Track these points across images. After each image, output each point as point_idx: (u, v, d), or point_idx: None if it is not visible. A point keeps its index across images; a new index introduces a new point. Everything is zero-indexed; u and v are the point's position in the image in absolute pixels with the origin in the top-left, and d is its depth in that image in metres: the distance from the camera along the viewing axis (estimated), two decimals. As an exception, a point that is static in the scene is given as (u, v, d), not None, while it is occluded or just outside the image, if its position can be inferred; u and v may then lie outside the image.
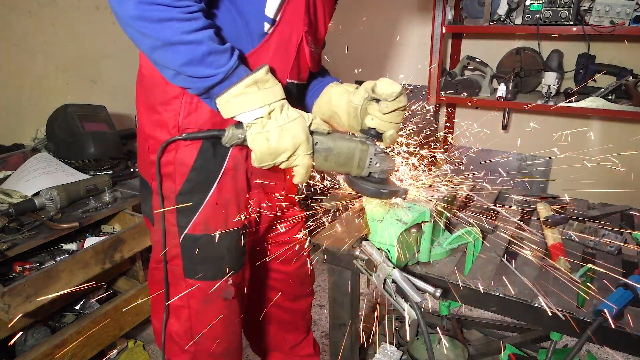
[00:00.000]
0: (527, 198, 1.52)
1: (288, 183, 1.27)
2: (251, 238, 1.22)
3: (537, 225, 1.36)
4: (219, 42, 0.90)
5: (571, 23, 2.35)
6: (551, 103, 2.50)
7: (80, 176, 2.03)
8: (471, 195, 1.51)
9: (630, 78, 2.38)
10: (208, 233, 1.11)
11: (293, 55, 1.07)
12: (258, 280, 1.47)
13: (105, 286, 2.16)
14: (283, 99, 0.95)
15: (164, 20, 0.83)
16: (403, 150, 1.20)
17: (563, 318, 0.96)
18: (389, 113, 1.04)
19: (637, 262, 1.18)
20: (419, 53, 3.12)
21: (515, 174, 2.98)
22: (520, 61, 2.67)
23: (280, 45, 1.04)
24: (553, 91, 2.51)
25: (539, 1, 2.40)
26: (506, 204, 1.52)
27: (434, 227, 1.15)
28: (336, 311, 1.29)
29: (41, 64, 2.38)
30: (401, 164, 1.20)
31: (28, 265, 1.74)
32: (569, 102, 2.44)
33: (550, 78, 2.47)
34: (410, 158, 1.21)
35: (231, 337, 1.28)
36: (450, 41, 3.02)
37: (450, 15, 2.75)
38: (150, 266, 1.25)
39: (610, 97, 2.40)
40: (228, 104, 0.91)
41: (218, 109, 0.94)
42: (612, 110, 2.36)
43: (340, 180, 1.14)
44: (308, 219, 1.38)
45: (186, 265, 1.14)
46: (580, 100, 2.42)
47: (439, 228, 1.20)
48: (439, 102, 2.93)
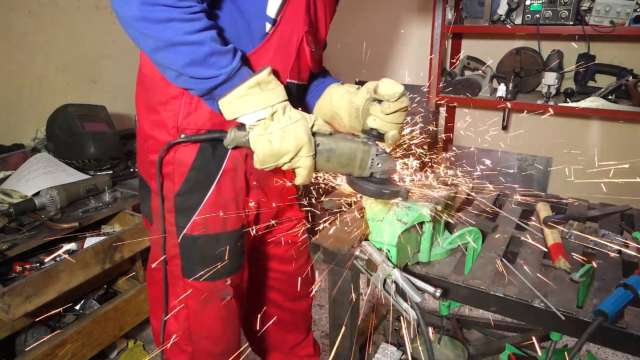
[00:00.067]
0: (527, 198, 1.52)
1: (287, 183, 1.27)
2: (250, 238, 1.22)
3: (537, 225, 1.36)
4: (221, 43, 0.90)
5: (571, 23, 2.35)
6: (551, 103, 2.50)
7: (80, 176, 2.03)
8: (471, 195, 1.51)
9: (630, 78, 2.38)
10: (207, 233, 1.11)
11: (293, 55, 1.07)
12: (258, 281, 1.47)
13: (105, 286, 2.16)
14: (285, 100, 0.95)
15: (166, 20, 0.82)
16: (404, 149, 1.20)
17: (563, 318, 0.96)
18: (391, 114, 1.03)
19: (637, 262, 1.17)
20: (419, 53, 3.12)
21: (515, 174, 2.98)
22: (520, 61, 2.67)
23: (281, 45, 1.03)
24: (553, 91, 2.50)
25: (539, 1, 2.40)
26: (506, 204, 1.52)
27: (434, 227, 1.15)
28: (336, 311, 1.28)
29: (41, 64, 2.38)
30: (402, 165, 1.20)
31: (28, 265, 1.74)
32: (569, 102, 2.44)
33: (550, 78, 2.47)
34: (410, 158, 1.21)
35: (230, 338, 1.28)
36: (450, 41, 3.02)
37: (450, 15, 2.74)
38: (149, 266, 1.25)
39: (610, 97, 2.40)
40: (231, 105, 0.91)
41: (220, 111, 0.94)
42: (612, 110, 2.36)
43: (339, 180, 1.14)
44: (308, 219, 1.38)
45: (185, 265, 1.14)
46: (580, 100, 2.42)
47: (439, 228, 1.20)
48: (439, 102, 2.93)
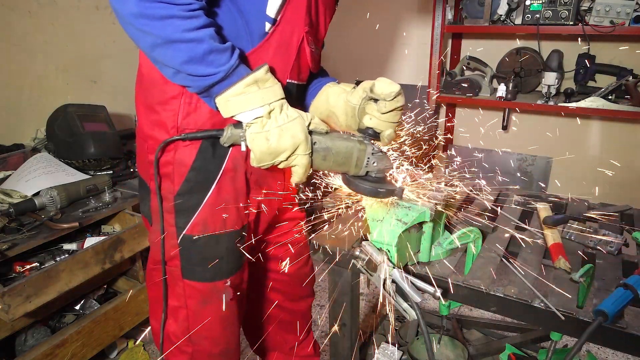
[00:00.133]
0: (527, 198, 1.52)
1: (287, 183, 1.27)
2: (250, 239, 1.22)
3: (537, 225, 1.36)
4: (220, 41, 0.90)
5: (571, 23, 2.35)
6: (551, 103, 2.50)
7: (80, 176, 2.03)
8: (471, 195, 1.51)
9: (630, 78, 2.38)
10: (207, 234, 1.10)
11: (294, 55, 1.07)
12: (258, 281, 1.47)
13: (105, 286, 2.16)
14: (282, 98, 0.95)
15: (165, 17, 0.82)
16: (402, 149, 1.20)
17: (563, 318, 0.96)
18: (387, 113, 1.04)
19: (637, 262, 1.17)
20: (419, 53, 3.12)
21: (515, 174, 2.98)
22: (520, 61, 2.67)
23: (281, 45, 1.03)
24: (553, 91, 2.50)
25: (539, 1, 2.40)
26: (506, 204, 1.52)
27: (434, 227, 1.15)
28: (336, 311, 1.28)
29: (41, 64, 2.38)
30: (400, 164, 1.20)
31: (28, 265, 1.74)
32: (569, 102, 2.44)
33: (550, 78, 2.47)
34: (410, 158, 1.21)
35: (229, 338, 1.27)
36: (450, 41, 3.02)
37: (450, 15, 2.75)
38: (148, 267, 1.25)
39: (610, 97, 2.40)
40: (228, 103, 0.91)
41: (217, 108, 0.94)
42: (612, 110, 2.36)
43: (336, 179, 1.14)
44: (308, 219, 1.38)
45: (184, 265, 1.14)
46: (580, 100, 2.42)
47: (439, 228, 1.20)
48: (439, 102, 2.93)
